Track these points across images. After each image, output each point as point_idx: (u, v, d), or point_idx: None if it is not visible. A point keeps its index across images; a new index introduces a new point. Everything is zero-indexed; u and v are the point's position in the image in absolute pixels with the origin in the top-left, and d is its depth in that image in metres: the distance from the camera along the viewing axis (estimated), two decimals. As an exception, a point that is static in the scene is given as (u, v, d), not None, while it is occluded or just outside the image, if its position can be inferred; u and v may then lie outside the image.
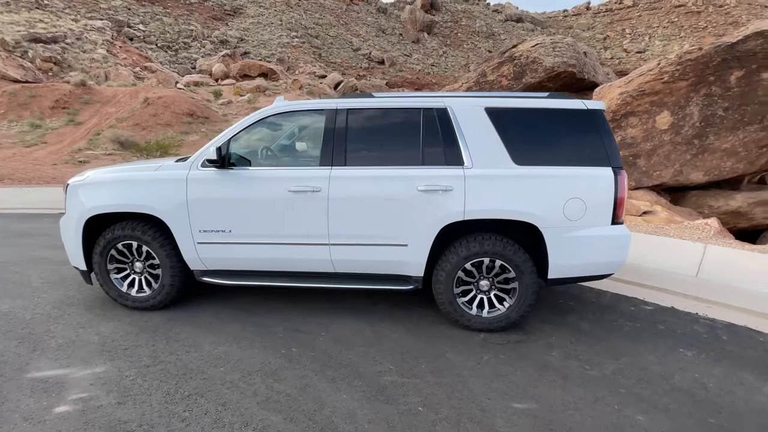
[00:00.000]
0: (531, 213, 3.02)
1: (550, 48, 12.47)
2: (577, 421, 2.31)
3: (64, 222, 3.50)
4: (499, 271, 3.19)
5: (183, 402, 2.39)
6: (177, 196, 3.27)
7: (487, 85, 13.03)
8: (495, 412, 2.37)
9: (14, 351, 2.89)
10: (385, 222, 3.16)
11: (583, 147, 3.09)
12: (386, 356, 2.93)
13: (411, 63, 58.57)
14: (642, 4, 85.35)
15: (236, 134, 3.32)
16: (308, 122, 3.48)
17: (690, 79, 10.51)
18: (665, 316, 3.66)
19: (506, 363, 2.88)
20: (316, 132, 3.37)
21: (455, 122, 3.15)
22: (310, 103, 3.42)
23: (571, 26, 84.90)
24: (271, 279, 3.42)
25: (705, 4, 79.91)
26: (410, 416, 2.33)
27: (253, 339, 3.12)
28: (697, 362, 2.94)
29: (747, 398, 2.55)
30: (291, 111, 3.36)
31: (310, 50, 50.36)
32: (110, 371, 2.67)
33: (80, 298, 3.78)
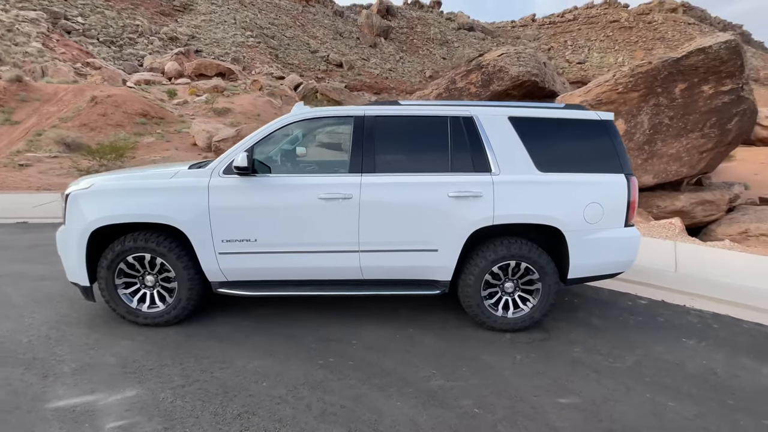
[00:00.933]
0: (554, 217, 3.20)
1: (514, 58, 13.12)
2: (621, 411, 2.48)
3: (63, 234, 3.20)
4: (523, 273, 3.34)
5: (236, 422, 2.29)
6: (198, 204, 3.10)
7: (456, 92, 13.45)
8: (545, 409, 2.49)
9: (21, 379, 2.60)
10: (416, 228, 3.20)
11: (598, 155, 3.32)
12: (425, 361, 2.96)
13: (369, 67, 58.88)
14: (581, 19, 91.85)
15: (260, 140, 3.21)
16: (334, 129, 3.43)
17: (641, 90, 11.47)
18: (660, 309, 4.00)
19: (538, 361, 3.02)
20: (343, 138, 3.34)
21: (481, 130, 3.26)
22: (336, 110, 3.39)
23: (518, 36, 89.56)
24: (294, 288, 3.34)
25: (636, 21, 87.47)
26: (469, 419, 2.39)
27: (285, 351, 3.03)
28: (701, 350, 3.25)
29: (751, 380, 2.86)
30: (318, 117, 3.31)
31: (267, 50, 49.11)
32: (143, 394, 2.49)
33: (78, 317, 3.46)
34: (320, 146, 3.75)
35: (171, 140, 18.14)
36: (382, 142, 3.23)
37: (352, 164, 3.21)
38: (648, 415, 2.46)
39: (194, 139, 17.79)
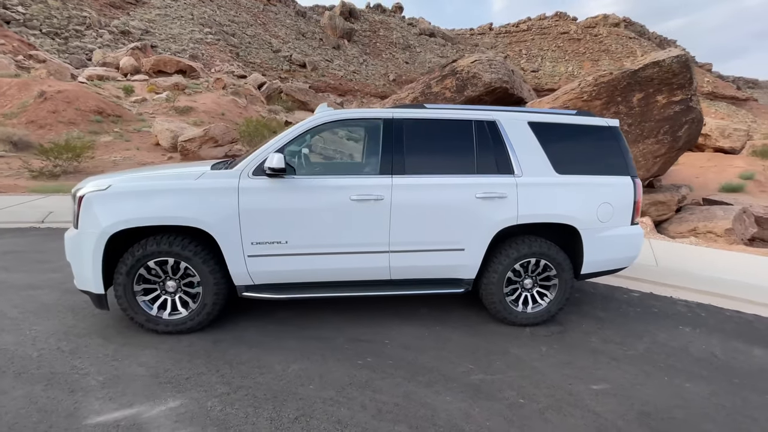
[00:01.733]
0: (572, 216, 3.41)
1: (487, 65, 13.62)
2: (648, 394, 2.70)
3: (75, 238, 2.99)
4: (541, 270, 3.52)
5: (295, 426, 2.26)
6: (227, 206, 3.01)
7: (432, 96, 13.74)
8: (582, 395, 2.66)
9: (46, 396, 2.41)
10: (444, 228, 3.29)
11: (607, 158, 3.57)
12: (460, 357, 3.05)
13: (333, 69, 58.54)
14: (534, 29, 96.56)
15: (289, 142, 3.18)
16: (361, 130, 3.44)
17: (603, 99, 12.29)
18: (652, 301, 4.35)
19: (562, 352, 3.20)
20: (370, 140, 3.37)
21: (504, 134, 3.41)
22: (365, 112, 3.40)
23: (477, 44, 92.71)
24: (321, 290, 3.32)
25: (583, 33, 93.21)
26: (518, 408, 2.50)
27: (321, 353, 3.01)
28: (697, 336, 3.58)
29: (747, 361, 3.20)
30: (347, 119, 3.32)
31: (227, 48, 47.48)
32: (188, 404, 2.39)
33: (86, 327, 3.23)
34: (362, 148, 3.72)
35: (131, 140, 17.14)
36: (410, 144, 3.30)
37: (383, 166, 3.25)
38: (672, 396, 2.70)
39: (157, 139, 16.91)
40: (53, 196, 8.18)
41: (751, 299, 4.41)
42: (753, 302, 4.35)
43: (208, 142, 15.88)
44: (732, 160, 19.81)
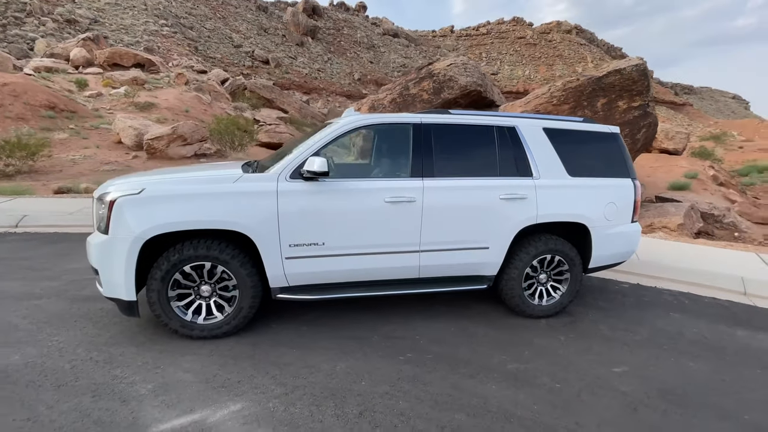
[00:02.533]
0: (583, 215, 3.71)
1: (462, 68, 14.05)
2: (662, 374, 3.02)
3: (106, 244, 2.88)
4: (555, 266, 3.79)
5: (362, 420, 2.35)
6: (266, 210, 3.03)
7: (410, 98, 13.98)
8: (608, 378, 2.93)
9: (98, 407, 2.34)
10: (471, 228, 3.47)
11: (611, 162, 3.91)
12: (492, 349, 3.25)
13: (297, 66, 57.57)
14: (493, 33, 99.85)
15: (325, 145, 3.23)
16: (389, 134, 3.54)
17: (571, 103, 13.05)
18: (641, 291, 4.78)
19: (579, 340, 3.48)
20: (398, 144, 3.48)
21: (523, 139, 3.65)
22: (395, 116, 3.49)
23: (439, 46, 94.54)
24: (354, 290, 3.39)
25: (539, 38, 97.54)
26: (557, 393, 2.73)
27: (361, 351, 3.09)
28: (687, 321, 4.00)
29: (733, 341, 3.63)
30: (378, 123, 3.41)
31: (185, 42, 45.38)
32: (250, 407, 2.41)
33: (111, 336, 3.12)
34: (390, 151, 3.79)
35: (89, 137, 16.12)
36: (438, 148, 3.45)
37: (414, 169, 3.38)
38: (681, 374, 3.04)
39: (119, 137, 16.01)
40: (19, 199, 7.59)
41: (722, 287, 4.95)
42: (724, 289, 4.89)
43: (177, 140, 15.23)
44: (676, 160, 21.55)
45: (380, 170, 3.54)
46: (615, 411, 2.57)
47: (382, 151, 3.58)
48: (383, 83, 67.41)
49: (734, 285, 4.98)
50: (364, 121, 3.36)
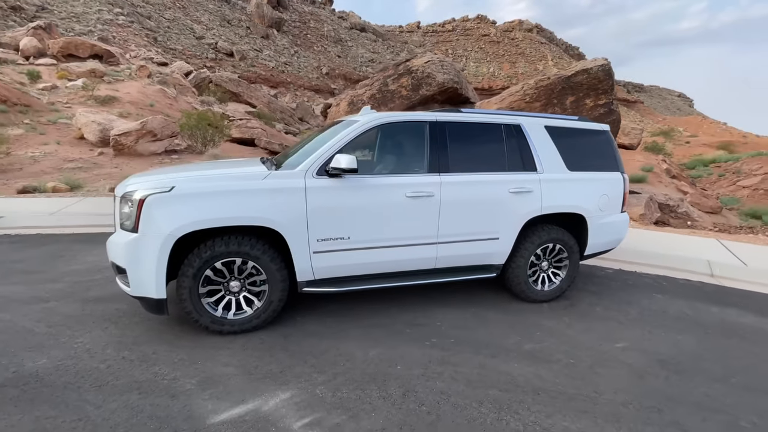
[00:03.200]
0: (581, 206, 4.03)
1: (439, 66, 14.35)
2: (658, 348, 3.37)
3: (135, 242, 2.86)
4: (556, 253, 4.10)
5: (407, 400, 2.51)
6: (296, 206, 3.11)
7: (389, 94, 14.13)
8: (613, 353, 3.25)
9: (149, 403, 2.36)
10: (483, 220, 3.70)
11: (603, 157, 4.25)
12: (506, 332, 3.49)
13: (263, 59, 56.13)
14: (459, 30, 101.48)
15: (348, 143, 3.34)
16: (407, 131, 3.68)
17: (542, 101, 13.67)
18: (624, 276, 5.22)
19: (580, 321, 3.80)
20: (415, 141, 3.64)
21: (527, 136, 3.91)
22: (412, 115, 3.64)
23: (406, 41, 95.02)
24: (376, 281, 3.53)
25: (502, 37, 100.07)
26: (573, 367, 3.00)
27: (389, 338, 3.25)
28: (668, 300, 4.43)
29: (709, 316, 4.08)
30: (397, 121, 3.55)
31: (142, 32, 43.11)
32: (299, 394, 2.51)
33: (138, 335, 3.10)
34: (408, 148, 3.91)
35: (46, 132, 15.16)
36: (453, 145, 3.64)
37: (431, 165, 3.55)
38: (673, 347, 3.41)
39: (80, 132, 15.14)
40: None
41: (692, 270, 5.48)
42: (694, 272, 5.43)
43: (146, 136, 14.61)
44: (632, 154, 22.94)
45: (398, 166, 3.67)
46: (625, 380, 2.88)
47: (400, 148, 3.72)
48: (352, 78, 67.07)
49: (702, 268, 5.53)
50: (385, 119, 3.50)
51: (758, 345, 3.52)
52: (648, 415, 2.51)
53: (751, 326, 3.87)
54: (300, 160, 3.50)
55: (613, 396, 2.67)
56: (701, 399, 2.70)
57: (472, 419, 2.38)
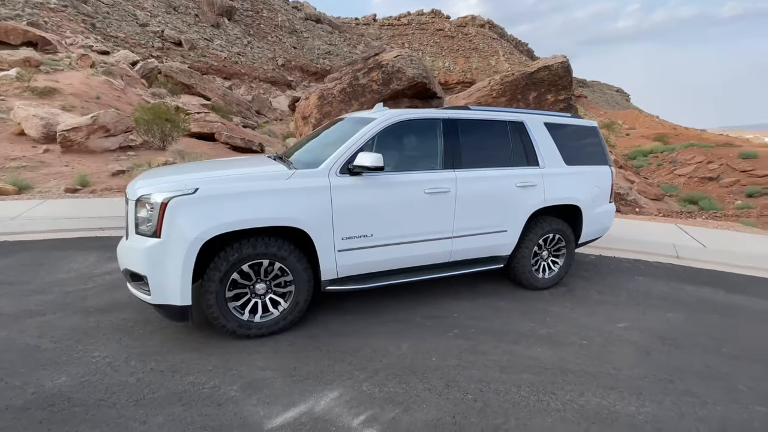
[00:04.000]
0: (577, 198, 4.30)
1: (408, 60, 14.44)
2: (653, 325, 3.71)
3: (156, 248, 2.71)
4: (555, 243, 4.35)
5: (451, 390, 2.61)
6: (321, 205, 3.08)
7: (359, 88, 14.04)
8: (618, 333, 3.54)
9: (197, 414, 2.28)
10: (493, 213, 3.85)
11: (593, 151, 4.55)
12: (519, 319, 3.68)
13: (214, 49, 53.48)
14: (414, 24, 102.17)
15: (368, 141, 3.34)
16: (422, 128, 3.72)
17: (507, 96, 14.20)
18: (606, 261, 5.63)
19: (581, 305, 4.08)
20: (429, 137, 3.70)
21: (530, 133, 4.10)
22: (426, 112, 3.69)
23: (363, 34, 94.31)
24: (391, 278, 3.57)
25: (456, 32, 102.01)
26: (587, 348, 3.24)
27: (413, 332, 3.32)
28: (650, 282, 4.86)
29: (687, 294, 4.52)
30: (412, 119, 3.59)
31: (78, 17, 39.50)
32: (347, 392, 2.53)
33: (157, 345, 2.95)
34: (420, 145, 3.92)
35: (-22, 128, 13.59)
36: (465, 141, 3.75)
37: (446, 161, 3.64)
38: (666, 323, 3.76)
39: (20, 127, 13.75)
40: (-73, 204, 6.33)
41: (661, 253, 6.01)
42: (663, 255, 5.95)
43: (98, 131, 13.55)
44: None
45: (415, 163, 3.70)
46: (635, 356, 3.15)
47: (415, 145, 3.75)
48: (309, 70, 65.68)
49: (669, 251, 6.08)
50: (403, 116, 3.54)
51: (734, 318, 3.96)
52: (664, 386, 2.78)
53: (724, 302, 4.35)
54: (313, 158, 3.48)
55: (631, 371, 2.93)
56: (702, 369, 3.03)
57: (516, 403, 2.52)
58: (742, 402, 2.66)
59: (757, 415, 2.55)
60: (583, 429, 2.33)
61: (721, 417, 2.51)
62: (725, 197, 20.80)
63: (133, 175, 10.28)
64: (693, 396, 2.69)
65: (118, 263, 4.31)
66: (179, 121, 16.41)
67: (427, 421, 2.32)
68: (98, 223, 5.85)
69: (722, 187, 22.31)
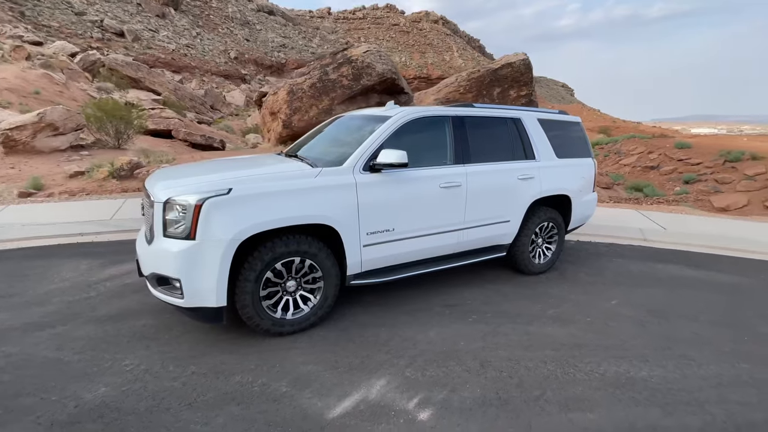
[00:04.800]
0: (568, 189, 4.65)
1: (377, 56, 14.51)
2: (642, 300, 4.12)
3: (192, 250, 2.67)
4: (549, 230, 4.69)
5: (488, 369, 2.81)
6: (349, 201, 3.16)
7: (330, 83, 13.93)
8: (612, 308, 3.90)
9: (257, 411, 2.32)
10: (498, 205, 4.10)
11: (579, 145, 4.92)
12: (527, 302, 3.96)
13: (161, 40, 50.44)
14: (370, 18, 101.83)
15: (388, 139, 3.44)
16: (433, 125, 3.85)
17: (473, 92, 14.68)
18: (585, 246, 6.10)
19: (576, 287, 4.44)
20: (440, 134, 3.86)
21: (526, 128, 4.38)
22: (437, 110, 3.83)
23: (318, 27, 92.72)
24: (410, 269, 3.72)
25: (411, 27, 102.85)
26: (593, 325, 3.57)
27: (436, 320, 3.49)
28: (627, 262, 5.35)
29: (662, 272, 5.03)
30: (425, 116, 3.73)
31: (6, 4, 35.68)
32: (394, 379, 2.65)
33: (189, 348, 2.91)
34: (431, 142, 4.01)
35: None
36: (472, 137, 3.95)
37: (456, 156, 3.82)
38: (651, 298, 4.20)
39: (-49, 127, 12.38)
40: None
41: (629, 236, 6.59)
42: (632, 238, 6.54)
43: (45, 129, 12.51)
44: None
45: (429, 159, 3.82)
46: (633, 329, 3.52)
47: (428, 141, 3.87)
48: (264, 63, 63.71)
49: (636, 234, 6.68)
50: (418, 114, 3.68)
51: (703, 291, 4.49)
52: (664, 353, 3.15)
53: (692, 277, 4.90)
54: (321, 155, 3.57)
55: (634, 342, 3.28)
56: (691, 336, 3.45)
57: (547, 376, 2.77)
58: (729, 361, 3.07)
59: (743, 371, 2.96)
60: (610, 394, 2.61)
61: (716, 375, 2.90)
62: (665, 184, 22.79)
63: (93, 176, 9.65)
64: (689, 359, 3.07)
65: (114, 270, 4.16)
66: (134, 117, 15.48)
67: (475, 398, 2.50)
68: (76, 228, 5.50)
69: (662, 175, 24.42)
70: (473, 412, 2.39)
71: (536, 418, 2.36)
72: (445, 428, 2.25)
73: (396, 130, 3.52)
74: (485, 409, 2.42)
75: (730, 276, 5.00)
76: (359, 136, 3.60)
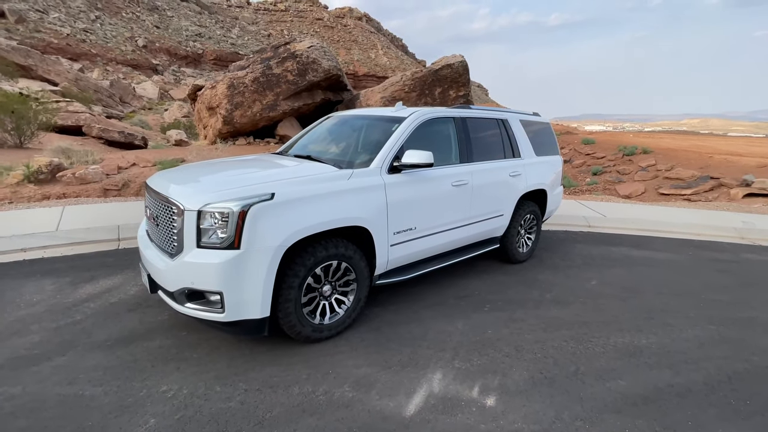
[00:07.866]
0: (544, 183, 5.12)
1: (322, 52, 14.25)
2: (617, 279, 4.71)
3: (237, 260, 2.50)
4: (530, 222, 5.13)
5: (523, 352, 3.05)
6: (379, 203, 3.18)
7: (274, 78, 13.37)
8: (595, 288, 4.42)
9: (333, 420, 2.27)
10: (495, 200, 4.39)
11: (549, 143, 5.43)
12: (526, 290, 4.31)
13: (51, 23, 43.86)
14: (292, 11, 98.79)
15: (407, 139, 3.51)
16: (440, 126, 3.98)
17: (417, 91, 15.17)
18: (548, 235, 6.69)
19: (558, 273, 4.91)
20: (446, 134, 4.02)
21: (512, 129, 4.73)
22: (445, 111, 3.95)
23: (237, 17, 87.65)
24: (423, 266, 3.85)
25: (335, 22, 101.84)
26: (586, 305, 4.01)
27: (458, 312, 3.67)
28: (587, 247, 6.03)
29: (617, 254, 5.78)
30: (435, 117, 3.84)
31: None
32: (447, 372, 2.76)
33: (226, 366, 2.73)
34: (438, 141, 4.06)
35: None
36: (473, 137, 4.17)
37: (461, 156, 4.02)
38: (620, 277, 4.81)
39: None
40: None
41: (577, 224, 7.42)
42: (581, 225, 7.37)
43: None
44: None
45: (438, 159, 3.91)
46: (618, 305, 4.04)
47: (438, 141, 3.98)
48: (178, 53, 58.64)
49: (582, 222, 7.52)
50: (430, 114, 3.79)
51: (653, 268, 5.26)
52: (649, 322, 3.67)
53: (641, 257, 5.70)
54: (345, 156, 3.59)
55: (625, 315, 3.78)
56: (663, 306, 4.05)
57: (573, 352, 3.09)
58: (700, 325, 3.69)
59: (713, 331, 3.58)
60: (626, 361, 3.01)
61: (694, 336, 3.47)
62: (578, 176, 25.68)
63: (3, 181, 8.24)
64: (671, 326, 3.63)
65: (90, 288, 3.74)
66: (39, 111, 13.41)
67: (525, 380, 2.72)
68: (17, 243, 4.71)
69: (574, 168, 27.44)
70: (530, 392, 2.60)
71: (583, 390, 2.65)
72: (514, 410, 2.43)
73: (414, 131, 3.60)
74: (538, 388, 2.65)
75: (665, 254, 5.91)
76: (375, 137, 3.63)
